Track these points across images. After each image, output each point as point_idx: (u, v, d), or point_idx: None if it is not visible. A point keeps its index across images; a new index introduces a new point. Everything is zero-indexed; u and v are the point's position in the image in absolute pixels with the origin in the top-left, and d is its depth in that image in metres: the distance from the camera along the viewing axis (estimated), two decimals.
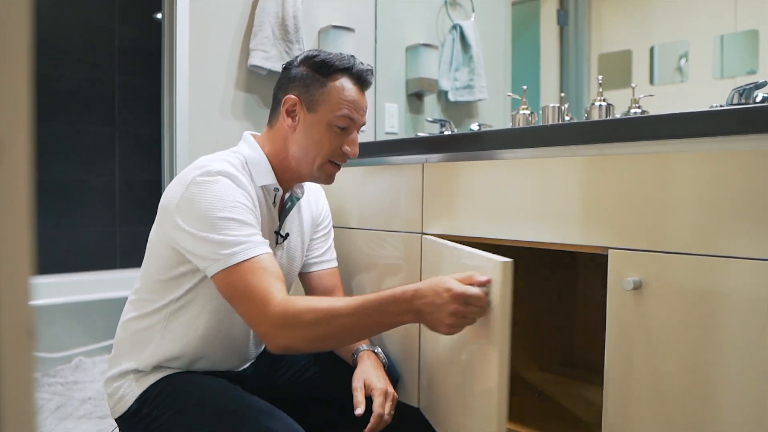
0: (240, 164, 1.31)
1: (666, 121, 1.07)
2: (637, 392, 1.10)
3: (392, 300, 1.10)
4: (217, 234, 1.17)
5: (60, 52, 3.32)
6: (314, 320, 1.11)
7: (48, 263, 3.30)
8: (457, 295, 1.04)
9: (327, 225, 1.60)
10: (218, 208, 1.18)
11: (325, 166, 1.35)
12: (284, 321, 1.11)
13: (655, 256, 1.08)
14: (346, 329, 1.12)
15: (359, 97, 1.35)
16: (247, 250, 1.17)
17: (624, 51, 2.51)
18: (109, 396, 1.36)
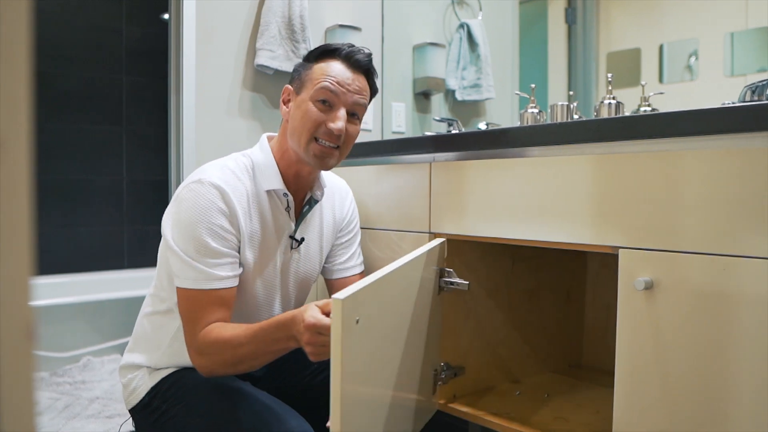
0: (244, 169, 1.32)
1: (677, 119, 1.06)
2: (648, 394, 1.09)
3: (278, 326, 1.15)
4: (185, 254, 1.22)
5: (68, 52, 3.32)
6: (221, 349, 1.19)
7: (56, 263, 3.31)
8: (308, 326, 1.07)
9: (352, 230, 1.56)
10: (194, 229, 1.22)
11: (310, 145, 1.29)
12: (200, 350, 1.21)
13: (666, 256, 1.06)
14: (248, 355, 1.18)
15: (345, 74, 1.30)
16: (204, 282, 1.22)
17: (633, 49, 2.49)
18: (123, 386, 1.40)
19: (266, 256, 1.35)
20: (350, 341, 0.97)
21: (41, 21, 3.24)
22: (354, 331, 0.99)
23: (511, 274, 1.64)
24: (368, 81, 1.36)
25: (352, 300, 0.97)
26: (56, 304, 2.71)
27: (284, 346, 1.16)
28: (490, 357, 1.61)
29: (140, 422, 1.39)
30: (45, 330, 2.63)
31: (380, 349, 1.13)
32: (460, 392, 1.54)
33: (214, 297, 1.23)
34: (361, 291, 1.00)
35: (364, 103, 1.35)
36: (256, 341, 1.17)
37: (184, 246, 1.22)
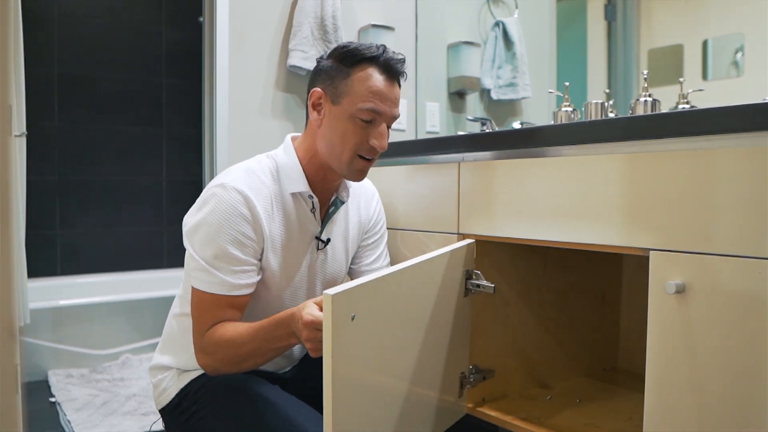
0: (268, 171, 1.31)
1: (711, 116, 1.02)
2: (680, 400, 1.05)
3: (279, 323, 1.17)
4: (202, 259, 1.23)
5: (109, 55, 3.40)
6: (224, 348, 1.21)
7: (98, 262, 3.39)
8: (306, 323, 1.08)
9: (378, 231, 1.54)
10: (214, 234, 1.22)
11: (353, 161, 1.28)
12: (204, 349, 1.24)
13: (699, 258, 1.02)
14: (251, 353, 1.21)
15: (387, 88, 1.26)
16: (218, 286, 1.23)
17: (675, 45, 2.42)
18: (153, 386, 1.41)
19: (292, 258, 1.34)
20: (344, 337, 0.98)
21: (84, 25, 3.32)
22: (349, 327, 0.99)
23: (543, 276, 1.60)
24: (399, 86, 1.34)
25: (346, 296, 0.97)
26: (97, 303, 2.77)
27: (286, 343, 1.17)
28: (520, 360, 1.58)
29: (170, 423, 1.40)
30: (86, 328, 2.70)
31: (384, 347, 1.12)
32: (490, 396, 1.51)
33: (227, 302, 1.24)
34: (357, 288, 1.00)
35: (399, 115, 1.33)
36: (257, 339, 1.18)
37: (203, 251, 1.23)
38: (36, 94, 3.17)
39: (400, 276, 1.13)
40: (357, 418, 1.05)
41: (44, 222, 3.27)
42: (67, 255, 3.33)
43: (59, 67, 3.28)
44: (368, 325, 1.04)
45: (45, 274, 3.22)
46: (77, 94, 3.33)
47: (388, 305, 1.11)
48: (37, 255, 3.18)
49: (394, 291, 1.13)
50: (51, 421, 2.11)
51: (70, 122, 3.32)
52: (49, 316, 2.64)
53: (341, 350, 0.97)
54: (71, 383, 2.44)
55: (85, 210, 3.37)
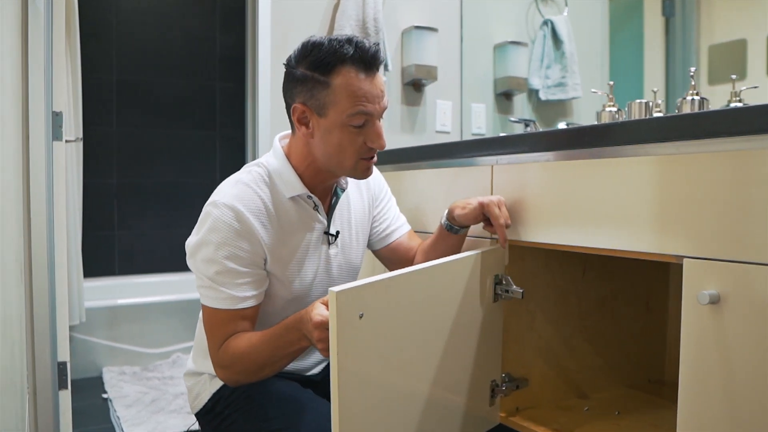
0: (261, 180, 1.28)
1: (750, 114, 0.95)
2: (714, 416, 0.99)
3: (289, 328, 1.16)
4: (206, 274, 1.23)
5: (164, 61, 3.50)
6: (239, 360, 1.21)
7: (155, 263, 3.49)
8: (316, 324, 1.07)
9: (384, 197, 1.52)
10: (212, 252, 1.21)
11: (357, 164, 1.25)
12: (222, 364, 1.24)
13: (735, 267, 0.96)
14: (266, 362, 1.20)
15: (369, 85, 1.19)
16: (223, 301, 1.22)
17: (738, 41, 2.30)
18: (188, 390, 1.43)
19: (303, 259, 1.32)
20: (351, 335, 0.97)
21: (140, 33, 3.43)
22: (356, 325, 0.98)
23: (582, 282, 1.55)
24: (381, 73, 1.31)
25: (353, 294, 0.97)
26: (152, 302, 2.85)
27: (297, 347, 1.17)
28: (556, 369, 1.53)
29: (205, 426, 1.41)
30: (140, 327, 2.78)
31: (398, 347, 1.10)
32: (523, 405, 1.47)
33: (237, 315, 1.24)
34: (365, 286, 0.99)
35: (387, 104, 1.27)
36: (270, 347, 1.18)
37: (206, 269, 1.22)
38: (95, 100, 3.29)
39: (415, 276, 1.12)
40: (365, 416, 1.04)
41: (103, 223, 3.39)
42: (124, 255, 3.44)
43: (117, 74, 3.39)
44: (378, 325, 1.03)
45: (103, 273, 3.34)
46: (134, 100, 3.44)
47: (403, 305, 1.09)
48: (96, 255, 3.30)
49: (409, 291, 1.11)
50: (102, 417, 2.18)
51: (128, 127, 3.43)
52: (106, 315, 2.73)
53: (348, 348, 0.97)
54: (123, 380, 2.51)
55: (142, 212, 3.48)
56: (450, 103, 2.46)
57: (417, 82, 2.41)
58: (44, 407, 1.69)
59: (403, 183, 1.77)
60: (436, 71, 2.36)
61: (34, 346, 1.68)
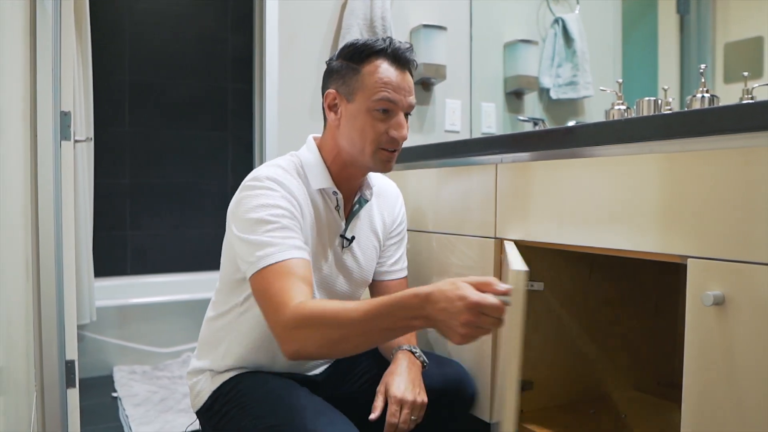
0: (294, 168, 1.31)
1: (754, 110, 0.93)
2: (719, 418, 0.97)
3: (402, 304, 1.02)
4: (252, 235, 1.18)
5: (177, 62, 3.51)
6: (324, 323, 1.07)
7: (167, 263, 3.50)
8: (472, 304, 0.94)
9: (400, 232, 1.53)
10: (256, 211, 1.20)
11: (377, 153, 1.28)
12: (294, 324, 1.08)
13: (740, 267, 0.94)
14: (357, 333, 1.06)
15: (398, 78, 1.26)
16: (277, 254, 1.16)
17: (754, 38, 2.26)
18: (189, 389, 1.43)
19: (318, 254, 1.34)
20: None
21: (153, 34, 3.45)
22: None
23: (588, 283, 1.53)
24: (412, 75, 1.32)
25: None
26: (163, 302, 2.86)
27: (404, 325, 1.03)
28: (562, 371, 1.51)
29: (204, 424, 1.42)
30: (151, 326, 2.79)
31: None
32: (528, 407, 1.45)
33: (291, 268, 1.16)
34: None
35: (415, 103, 1.32)
36: (369, 318, 1.03)
37: (252, 228, 1.19)
38: (108, 100, 3.31)
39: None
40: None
41: (115, 223, 3.41)
42: (135, 255, 3.46)
43: (130, 75, 3.41)
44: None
45: (115, 273, 3.35)
46: (147, 100, 3.45)
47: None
48: (108, 255, 3.32)
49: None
50: (111, 415, 2.19)
51: (141, 127, 3.45)
52: (117, 314, 2.74)
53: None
54: (133, 379, 2.52)
55: (154, 212, 3.49)
56: (459, 102, 2.45)
57: (426, 81, 2.40)
58: (52, 406, 1.70)
59: (407, 182, 1.76)
60: (445, 70, 2.35)
61: (42, 344, 1.69)
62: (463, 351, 1.55)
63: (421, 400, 1.27)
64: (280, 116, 2.15)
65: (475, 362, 1.51)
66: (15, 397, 1.40)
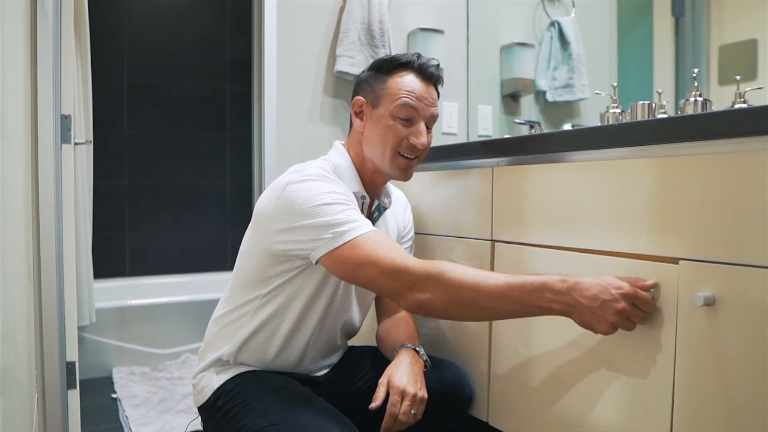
0: (331, 170, 1.35)
1: (746, 116, 0.95)
2: (709, 419, 0.98)
3: (547, 286, 1.06)
4: (321, 217, 1.19)
5: (175, 63, 3.52)
6: (458, 283, 1.10)
7: (164, 264, 3.51)
8: (628, 294, 1.03)
9: (410, 239, 1.59)
10: (321, 197, 1.21)
11: (395, 159, 1.34)
12: (426, 276, 1.12)
13: (731, 269, 0.96)
14: (491, 302, 1.09)
15: (422, 89, 1.34)
16: (366, 226, 1.20)
17: (748, 41, 2.28)
18: (193, 387, 1.46)
19: None
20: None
21: (151, 36, 3.46)
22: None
23: None
24: (437, 90, 1.40)
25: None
26: (162, 303, 2.87)
27: (541, 306, 1.07)
28: None
29: (206, 421, 1.44)
30: (150, 327, 2.80)
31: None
32: None
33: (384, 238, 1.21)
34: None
35: (437, 115, 1.38)
36: (509, 290, 1.08)
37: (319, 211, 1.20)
38: (107, 102, 3.32)
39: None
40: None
41: (114, 225, 3.43)
42: (134, 257, 3.47)
43: (129, 76, 3.42)
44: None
45: (114, 275, 3.37)
46: (146, 102, 3.47)
47: None
48: (107, 257, 3.33)
49: None
50: (111, 416, 2.20)
51: (139, 129, 3.46)
52: (116, 316, 2.75)
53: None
54: (133, 380, 2.54)
55: (153, 213, 3.51)
56: (456, 104, 2.46)
57: None
58: (53, 407, 1.71)
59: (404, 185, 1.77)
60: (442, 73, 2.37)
61: (43, 346, 1.70)
62: (460, 353, 1.56)
63: (421, 394, 1.30)
64: (279, 118, 2.16)
65: (472, 364, 1.52)
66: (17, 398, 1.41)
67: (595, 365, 1.20)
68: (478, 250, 1.49)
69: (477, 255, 1.50)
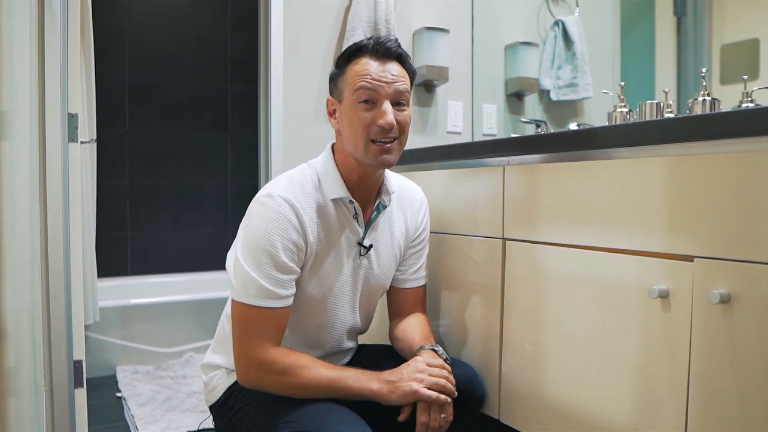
0: (310, 181, 1.34)
1: (759, 115, 0.95)
2: (725, 416, 0.99)
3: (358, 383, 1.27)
4: (254, 269, 1.25)
5: (176, 63, 3.52)
6: (282, 386, 1.27)
7: (165, 263, 3.51)
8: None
9: (423, 240, 1.54)
10: (264, 240, 1.25)
11: (368, 147, 1.29)
12: (266, 366, 1.26)
13: (746, 267, 0.96)
14: (313, 392, 1.27)
15: (378, 68, 1.29)
16: (269, 301, 1.25)
17: (750, 40, 2.29)
18: (204, 384, 1.46)
19: (335, 265, 1.36)
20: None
21: (152, 36, 3.46)
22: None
23: None
24: (403, 66, 1.34)
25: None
26: (164, 302, 2.87)
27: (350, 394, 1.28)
28: None
29: (218, 420, 1.45)
30: (153, 326, 2.80)
31: None
32: None
33: (276, 314, 1.27)
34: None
35: (405, 89, 1.32)
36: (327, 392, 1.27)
37: (254, 259, 1.25)
38: (108, 102, 3.32)
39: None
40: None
41: (116, 224, 3.42)
42: (136, 256, 3.47)
43: (130, 76, 3.42)
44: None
45: (116, 274, 3.37)
46: (147, 102, 3.46)
47: None
48: (109, 256, 3.33)
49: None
50: (116, 415, 2.21)
51: (141, 128, 3.46)
52: (119, 315, 2.75)
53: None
54: (137, 379, 2.54)
55: (154, 213, 3.50)
56: (461, 103, 2.47)
57: (428, 83, 2.42)
58: (60, 405, 1.71)
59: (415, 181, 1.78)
60: (447, 72, 2.37)
61: (51, 345, 1.70)
62: (471, 350, 1.57)
63: (444, 397, 1.29)
64: (285, 118, 2.16)
65: (483, 362, 1.53)
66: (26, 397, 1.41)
67: (608, 363, 1.20)
68: (490, 249, 1.49)
69: (488, 253, 1.50)
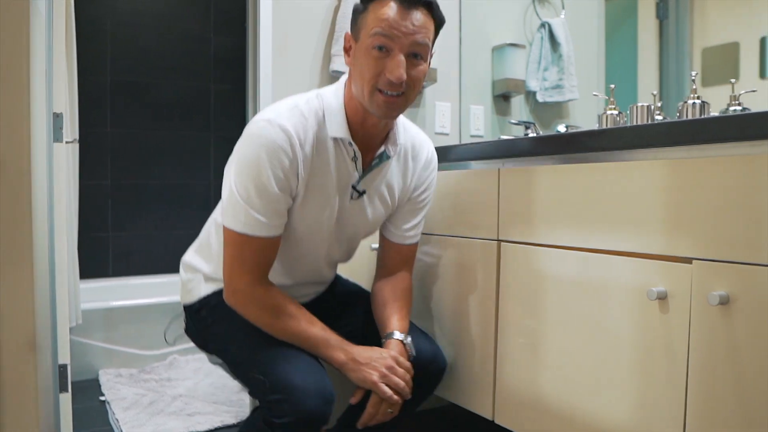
0: (313, 113, 1.29)
1: (757, 120, 0.97)
2: (723, 417, 1.00)
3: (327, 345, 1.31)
4: (241, 198, 1.24)
5: (159, 62, 3.48)
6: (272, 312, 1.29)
7: (148, 264, 3.47)
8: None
9: (424, 199, 1.49)
10: (257, 167, 1.23)
11: (374, 95, 1.23)
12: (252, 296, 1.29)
13: (745, 269, 0.97)
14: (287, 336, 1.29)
15: (399, 14, 1.20)
16: (262, 231, 1.25)
17: (730, 43, 2.33)
18: (182, 282, 1.50)
19: (323, 202, 1.33)
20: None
21: (135, 34, 3.41)
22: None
23: None
24: (432, 14, 1.26)
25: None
26: (147, 304, 2.83)
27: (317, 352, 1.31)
28: None
29: (189, 321, 1.49)
30: (136, 328, 2.76)
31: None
32: None
33: (263, 243, 1.27)
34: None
35: (425, 42, 1.24)
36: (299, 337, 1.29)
37: (245, 186, 1.23)
38: (90, 101, 3.26)
39: None
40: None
41: (97, 225, 3.37)
42: (118, 257, 3.42)
43: (112, 75, 3.37)
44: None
45: (97, 275, 3.31)
46: (129, 101, 3.42)
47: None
48: (91, 257, 3.27)
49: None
50: (101, 419, 2.17)
51: (123, 128, 3.41)
52: (101, 317, 2.71)
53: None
54: (120, 382, 2.50)
55: (137, 213, 3.46)
56: (449, 104, 2.47)
57: None
58: (46, 410, 1.68)
59: None
60: (435, 73, 2.37)
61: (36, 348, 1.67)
62: (464, 348, 1.57)
63: (397, 399, 1.31)
64: None
65: (478, 363, 1.53)
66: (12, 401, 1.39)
67: (605, 364, 1.21)
68: (484, 250, 1.50)
69: (483, 255, 1.51)
